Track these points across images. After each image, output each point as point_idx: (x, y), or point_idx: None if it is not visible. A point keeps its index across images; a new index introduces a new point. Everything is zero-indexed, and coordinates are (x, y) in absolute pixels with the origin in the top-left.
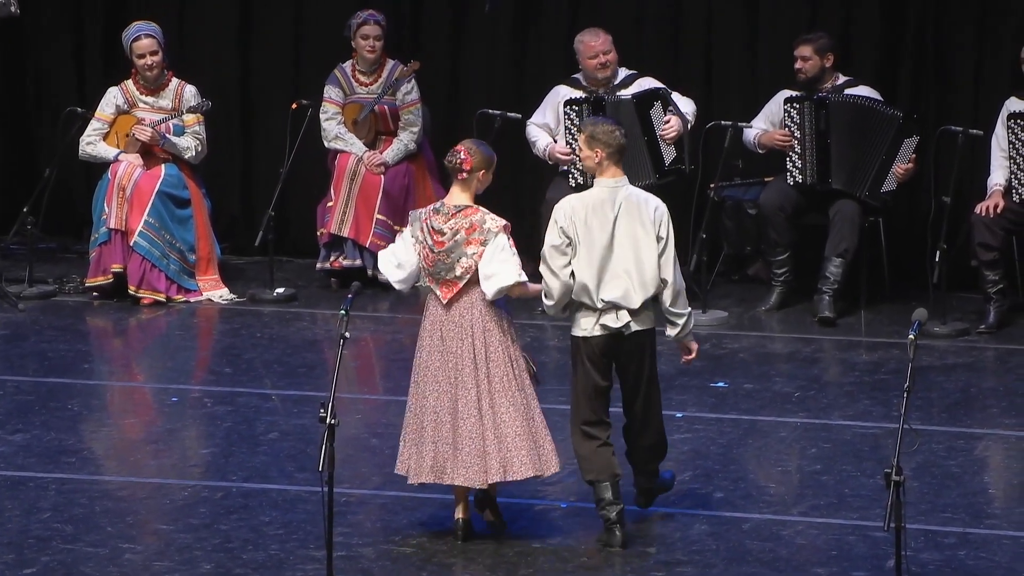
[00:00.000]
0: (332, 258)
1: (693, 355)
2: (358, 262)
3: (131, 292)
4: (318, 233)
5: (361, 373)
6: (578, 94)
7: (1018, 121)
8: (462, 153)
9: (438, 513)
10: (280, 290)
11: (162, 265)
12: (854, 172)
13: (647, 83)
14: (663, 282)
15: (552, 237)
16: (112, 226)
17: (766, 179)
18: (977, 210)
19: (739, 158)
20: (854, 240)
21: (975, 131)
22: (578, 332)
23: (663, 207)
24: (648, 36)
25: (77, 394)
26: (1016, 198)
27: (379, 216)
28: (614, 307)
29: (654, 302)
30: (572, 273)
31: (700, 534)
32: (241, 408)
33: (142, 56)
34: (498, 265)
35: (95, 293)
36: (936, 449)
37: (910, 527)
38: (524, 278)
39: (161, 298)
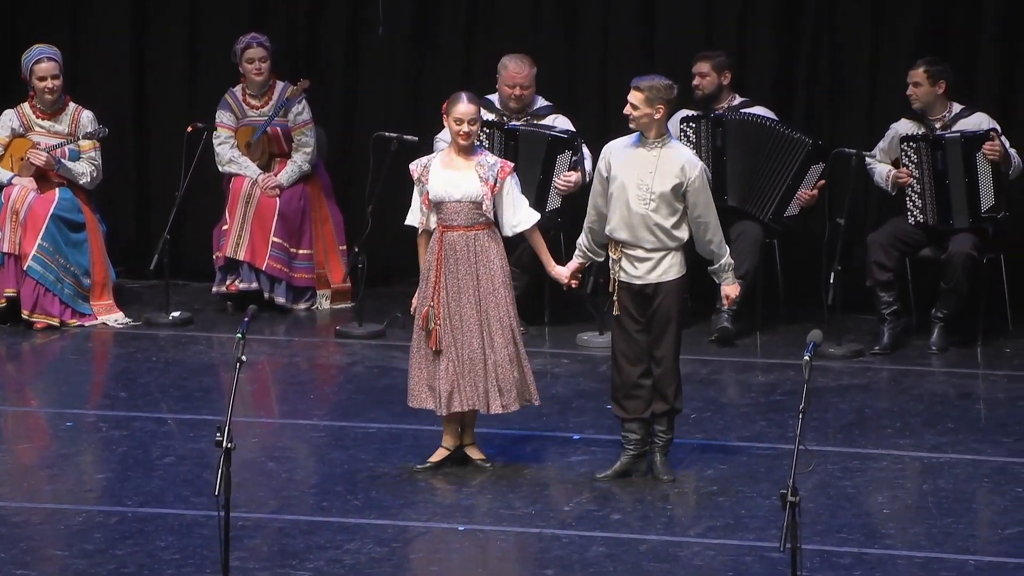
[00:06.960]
0: (228, 281)
1: None
2: (254, 285)
3: (25, 316)
4: (214, 256)
5: (257, 397)
6: (488, 116)
7: (911, 143)
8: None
9: (335, 537)
10: (176, 314)
11: (56, 289)
12: (751, 191)
13: (560, 122)
14: None
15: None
16: (5, 250)
17: None
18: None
19: None
20: (755, 262)
21: (868, 153)
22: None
23: None
24: (544, 54)
25: None
26: (912, 220)
27: (275, 239)
28: None
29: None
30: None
31: (597, 556)
32: (137, 432)
33: (43, 79)
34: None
35: None
36: (831, 470)
37: (806, 547)
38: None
39: (55, 322)
